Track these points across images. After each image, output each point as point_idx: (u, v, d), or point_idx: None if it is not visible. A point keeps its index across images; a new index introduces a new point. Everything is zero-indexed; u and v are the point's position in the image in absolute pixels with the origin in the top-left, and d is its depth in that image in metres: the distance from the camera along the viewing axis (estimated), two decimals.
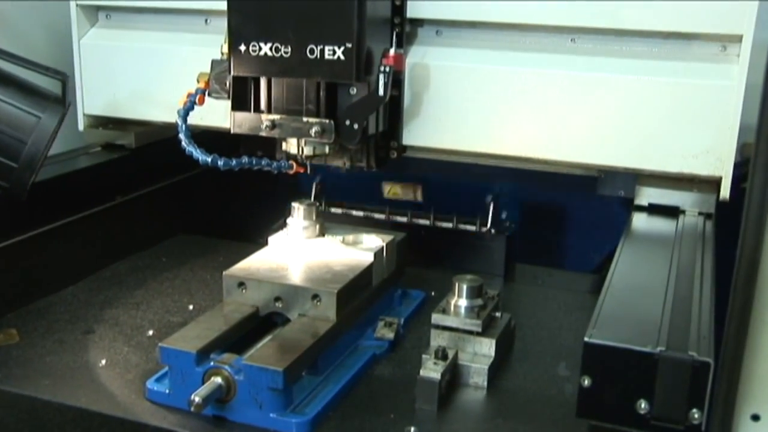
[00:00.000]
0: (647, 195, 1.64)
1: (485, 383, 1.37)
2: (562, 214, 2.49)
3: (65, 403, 1.29)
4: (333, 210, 2.12)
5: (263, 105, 1.53)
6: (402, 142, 1.70)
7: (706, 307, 1.14)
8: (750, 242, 1.00)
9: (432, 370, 1.30)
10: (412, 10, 1.64)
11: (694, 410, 1.01)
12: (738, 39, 1.49)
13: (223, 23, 1.54)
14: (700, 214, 1.60)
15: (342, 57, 1.43)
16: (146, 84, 1.91)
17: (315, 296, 1.39)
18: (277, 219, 2.36)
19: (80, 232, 1.77)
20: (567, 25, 1.59)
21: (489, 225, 2.00)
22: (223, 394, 1.23)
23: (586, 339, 1.04)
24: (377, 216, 2.09)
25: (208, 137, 1.68)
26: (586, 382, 1.04)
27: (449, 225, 2.02)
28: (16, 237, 1.61)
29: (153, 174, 2.03)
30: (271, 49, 1.46)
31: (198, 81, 1.57)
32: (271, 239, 1.60)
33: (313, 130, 1.49)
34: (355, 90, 1.49)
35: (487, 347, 1.40)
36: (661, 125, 1.54)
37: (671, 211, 1.61)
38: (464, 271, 1.48)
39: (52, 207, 1.70)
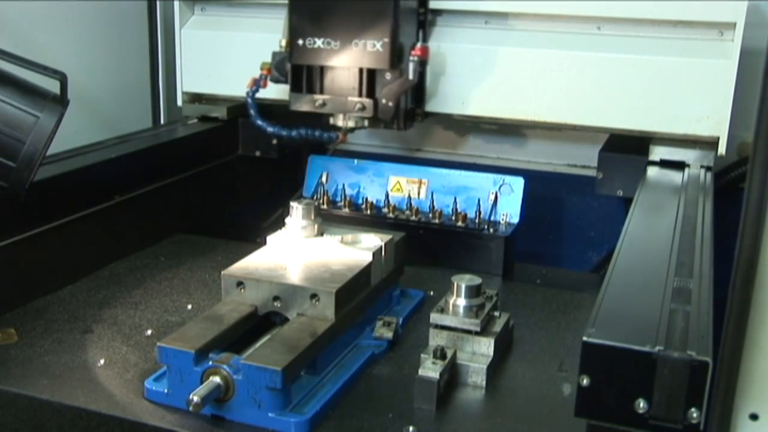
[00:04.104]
0: (659, 152, 1.94)
1: (484, 383, 1.37)
2: (561, 214, 2.50)
3: (64, 402, 1.29)
4: (332, 209, 2.12)
5: (316, 87, 1.90)
6: (425, 109, 2.07)
7: (704, 304, 1.15)
8: (748, 242, 1.00)
9: (430, 370, 1.30)
10: (436, 3, 2.04)
11: (693, 409, 1.01)
12: (732, 26, 1.84)
13: None
14: (701, 167, 1.90)
15: (380, 49, 1.81)
16: (234, 65, 2.25)
17: (314, 296, 1.39)
18: (275, 219, 2.37)
19: (79, 232, 1.77)
20: (595, 15, 1.96)
21: (488, 225, 2.01)
22: (222, 394, 1.23)
23: (584, 338, 1.04)
24: (376, 215, 2.09)
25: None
26: (585, 381, 1.04)
27: (448, 224, 2.03)
28: (15, 236, 1.61)
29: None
30: (323, 43, 1.84)
31: (261, 69, 1.96)
32: (270, 239, 1.60)
33: (356, 107, 1.87)
34: (389, 75, 1.85)
35: (486, 347, 1.40)
36: (670, 95, 1.89)
37: (678, 165, 1.91)
38: (463, 271, 1.48)
39: (51, 206, 1.70)
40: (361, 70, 1.85)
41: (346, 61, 1.84)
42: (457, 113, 2.05)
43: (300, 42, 1.85)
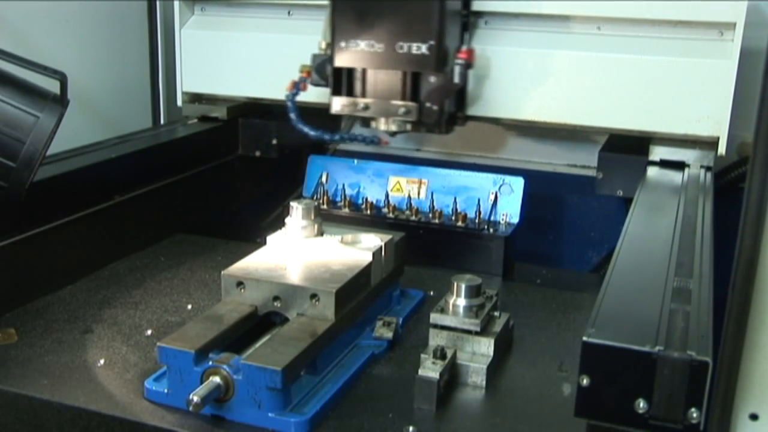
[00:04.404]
0: (659, 152, 1.94)
1: (484, 383, 1.37)
2: (561, 214, 2.49)
3: (64, 402, 1.29)
4: (332, 209, 2.12)
5: (357, 90, 1.86)
6: (466, 112, 2.02)
7: (704, 304, 1.15)
8: (748, 242, 1.00)
9: (430, 370, 1.30)
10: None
11: (693, 409, 1.01)
12: (732, 26, 1.83)
13: (303, 15, 2.16)
14: (701, 167, 1.90)
15: (426, 52, 1.77)
16: (234, 65, 2.26)
17: (313, 296, 1.39)
18: (276, 218, 2.37)
19: (79, 232, 1.77)
20: (595, 16, 1.94)
21: (488, 225, 2.01)
22: (222, 394, 1.23)
23: (584, 338, 1.04)
24: (376, 215, 2.09)
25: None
26: (585, 381, 1.04)
27: (448, 224, 2.03)
28: (15, 236, 1.61)
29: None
30: (367, 45, 1.80)
31: (301, 71, 1.91)
32: (270, 239, 1.60)
33: (400, 111, 1.82)
34: (434, 78, 1.79)
35: (486, 347, 1.40)
36: (669, 95, 1.89)
37: (678, 165, 1.91)
38: (463, 271, 1.48)
39: (51, 206, 1.70)
40: (405, 73, 1.81)
41: (391, 64, 1.80)
42: (503, 117, 2.02)
43: (343, 44, 1.82)
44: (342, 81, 1.86)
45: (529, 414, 1.31)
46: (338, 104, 1.88)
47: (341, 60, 1.83)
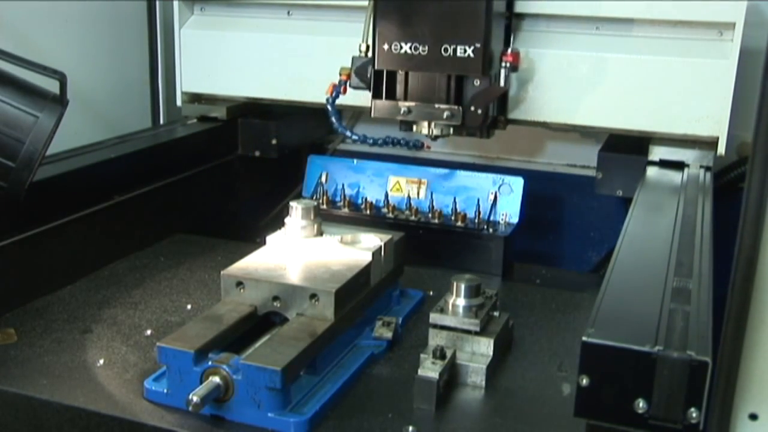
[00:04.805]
0: (658, 152, 1.94)
1: (483, 383, 1.37)
2: (561, 214, 2.49)
3: (63, 402, 1.29)
4: (332, 209, 2.12)
5: (399, 94, 1.82)
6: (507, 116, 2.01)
7: (704, 304, 1.15)
8: (747, 241, 1.00)
9: (430, 370, 1.30)
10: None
11: (692, 409, 1.01)
12: (731, 26, 1.83)
13: (303, 15, 2.18)
14: (701, 167, 1.90)
15: (472, 54, 1.73)
16: (234, 65, 2.26)
17: (313, 296, 1.39)
18: (274, 218, 2.38)
19: (78, 232, 1.77)
20: (593, 15, 1.94)
21: (487, 225, 2.01)
22: (221, 394, 1.23)
23: (584, 338, 1.04)
24: (376, 215, 2.09)
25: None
26: (585, 381, 1.04)
27: (448, 224, 2.03)
28: (14, 236, 1.61)
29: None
30: (410, 47, 1.76)
31: (340, 74, 1.89)
32: (269, 239, 1.60)
33: (444, 115, 1.79)
34: (478, 81, 1.77)
35: (485, 347, 1.40)
36: (669, 95, 1.89)
37: (678, 165, 1.91)
38: (462, 271, 1.48)
39: (51, 206, 1.70)
40: (449, 76, 1.78)
41: (435, 67, 1.76)
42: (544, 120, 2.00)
43: (385, 46, 1.77)
44: (383, 84, 1.82)
45: (528, 414, 1.31)
46: (379, 108, 1.84)
47: (383, 63, 1.79)
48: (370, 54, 1.82)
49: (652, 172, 1.89)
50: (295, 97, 2.22)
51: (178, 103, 2.37)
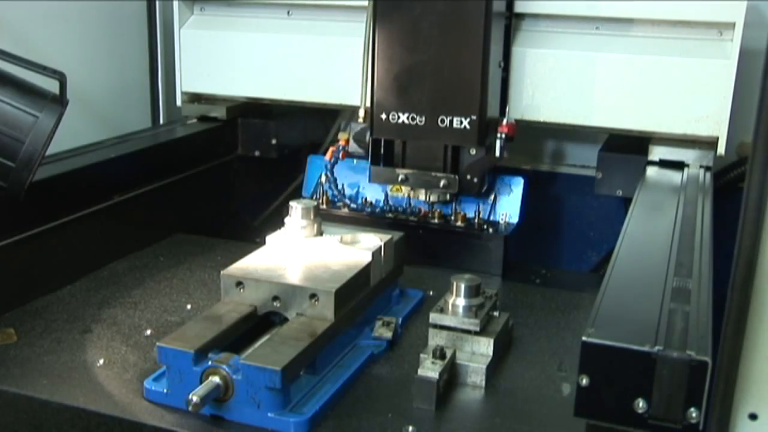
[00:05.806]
0: (658, 152, 1.94)
1: (483, 382, 1.37)
2: (561, 214, 2.49)
3: (63, 402, 1.29)
4: (332, 209, 2.12)
5: (397, 160, 1.90)
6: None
7: (704, 304, 1.15)
8: (747, 242, 1.00)
9: (430, 370, 1.30)
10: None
11: (692, 409, 1.01)
12: (731, 26, 1.84)
13: (303, 15, 2.19)
14: (701, 167, 1.90)
15: (467, 126, 1.78)
16: (234, 65, 2.27)
17: (313, 295, 1.39)
18: (269, 216, 2.38)
19: (78, 232, 1.77)
20: (593, 15, 1.94)
21: (487, 225, 2.01)
22: (221, 394, 1.23)
23: (584, 338, 1.04)
24: (376, 215, 2.09)
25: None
26: (584, 381, 1.04)
27: (447, 224, 2.03)
28: (14, 236, 1.61)
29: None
30: (408, 117, 1.81)
31: (339, 139, 1.99)
32: (269, 239, 1.60)
33: (441, 183, 1.86)
34: (474, 151, 1.84)
35: (485, 346, 1.40)
36: (669, 95, 1.89)
37: (678, 165, 1.92)
38: (462, 271, 1.48)
39: (50, 206, 1.70)
40: (446, 146, 1.83)
41: (432, 137, 1.81)
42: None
43: (383, 116, 1.82)
44: (380, 151, 1.87)
45: (528, 414, 1.31)
46: (377, 174, 1.91)
47: (381, 132, 1.84)
48: (368, 121, 1.86)
49: (651, 172, 1.89)
50: (295, 97, 2.22)
51: (178, 103, 2.37)
